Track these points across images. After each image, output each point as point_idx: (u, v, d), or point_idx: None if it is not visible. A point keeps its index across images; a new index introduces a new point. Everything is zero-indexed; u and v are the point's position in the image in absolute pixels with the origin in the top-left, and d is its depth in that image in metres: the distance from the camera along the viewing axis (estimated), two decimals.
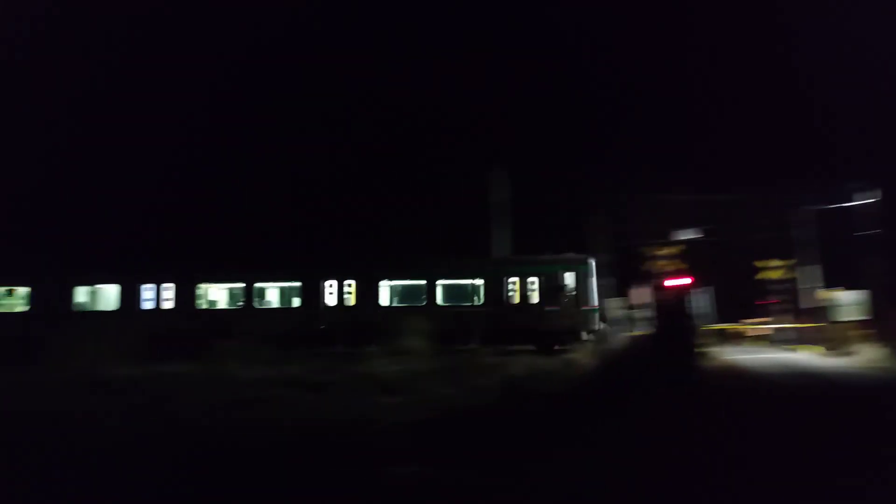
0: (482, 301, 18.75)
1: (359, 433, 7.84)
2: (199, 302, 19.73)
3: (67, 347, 13.73)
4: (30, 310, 18.92)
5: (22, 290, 19.26)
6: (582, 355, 16.59)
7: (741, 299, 29.30)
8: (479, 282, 18.73)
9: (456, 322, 17.93)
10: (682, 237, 27.72)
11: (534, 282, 18.50)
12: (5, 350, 15.96)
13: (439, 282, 19.09)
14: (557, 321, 18.07)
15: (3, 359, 14.73)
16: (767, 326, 28.54)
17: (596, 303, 18.63)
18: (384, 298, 19.53)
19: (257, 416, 9.03)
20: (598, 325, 18.89)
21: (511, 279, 18.68)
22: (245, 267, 20.36)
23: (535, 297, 18.53)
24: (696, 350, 15.16)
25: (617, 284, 25.08)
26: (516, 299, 18.62)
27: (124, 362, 13.57)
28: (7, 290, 19.43)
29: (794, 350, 23.63)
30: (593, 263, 18.98)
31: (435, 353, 14.78)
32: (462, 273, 19.45)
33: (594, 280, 18.78)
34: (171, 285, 19.34)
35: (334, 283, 19.20)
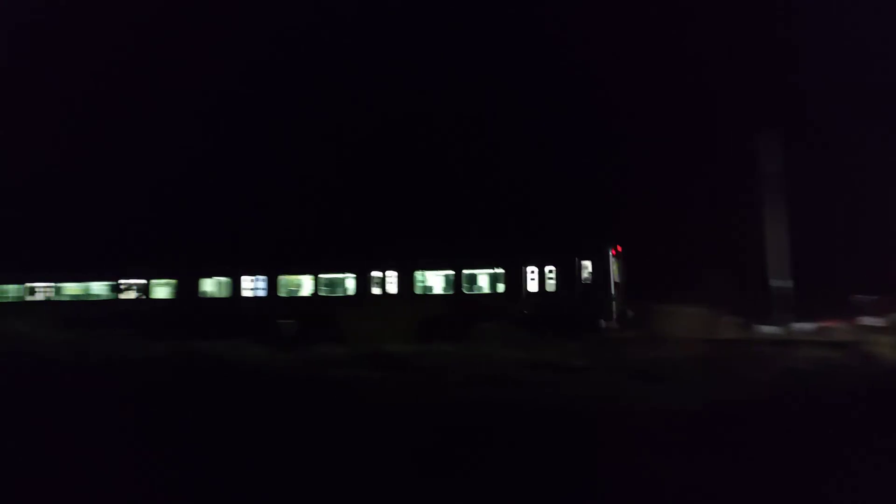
0: (504, 289, 18.85)
1: (616, 420, 7.65)
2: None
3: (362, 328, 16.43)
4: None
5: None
6: (885, 349, 13.92)
7: None
8: (500, 270, 19.06)
9: (479, 310, 18.25)
10: None
11: (552, 270, 18.23)
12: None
13: (465, 271, 19.58)
14: (574, 309, 17.66)
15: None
16: None
17: (613, 290, 17.91)
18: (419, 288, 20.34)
19: (516, 396, 9.39)
20: (616, 313, 18.07)
21: (530, 268, 18.53)
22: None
23: (551, 286, 18.29)
24: None
25: None
26: (534, 287, 18.49)
27: (400, 341, 15.31)
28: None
29: None
30: (610, 251, 18.18)
31: (697, 342, 13.79)
32: (483, 262, 19.63)
33: (612, 268, 18.01)
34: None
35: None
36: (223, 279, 22.78)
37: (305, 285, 22.49)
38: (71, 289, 24.50)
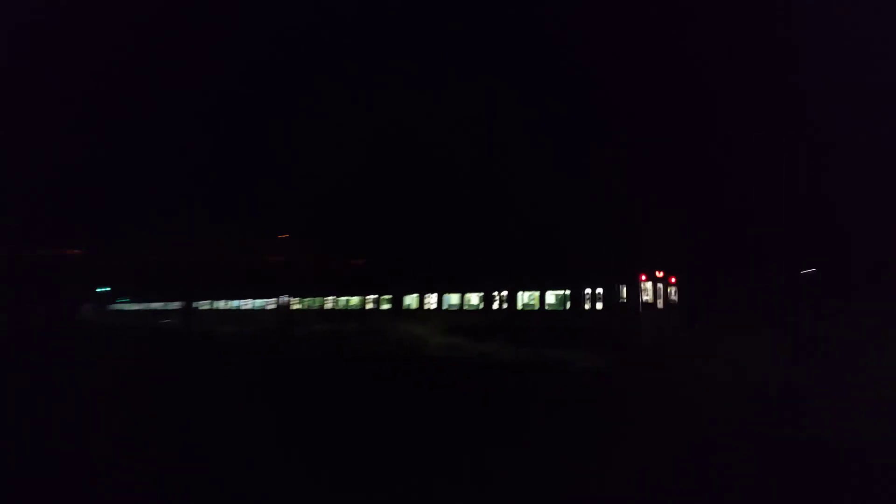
0: (567, 306, 22.25)
1: None
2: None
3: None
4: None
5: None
6: None
7: None
8: (565, 291, 22.58)
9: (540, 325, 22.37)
10: None
11: (599, 293, 21.36)
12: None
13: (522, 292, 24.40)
14: (613, 323, 20.35)
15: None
16: None
17: (641, 309, 20.01)
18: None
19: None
20: (647, 329, 19.94)
21: (586, 291, 21.75)
22: None
23: (599, 306, 21.32)
24: None
25: None
26: (587, 307, 21.70)
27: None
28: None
29: None
30: (640, 277, 20.42)
31: None
32: (541, 284, 23.71)
33: (642, 290, 20.24)
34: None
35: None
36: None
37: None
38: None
